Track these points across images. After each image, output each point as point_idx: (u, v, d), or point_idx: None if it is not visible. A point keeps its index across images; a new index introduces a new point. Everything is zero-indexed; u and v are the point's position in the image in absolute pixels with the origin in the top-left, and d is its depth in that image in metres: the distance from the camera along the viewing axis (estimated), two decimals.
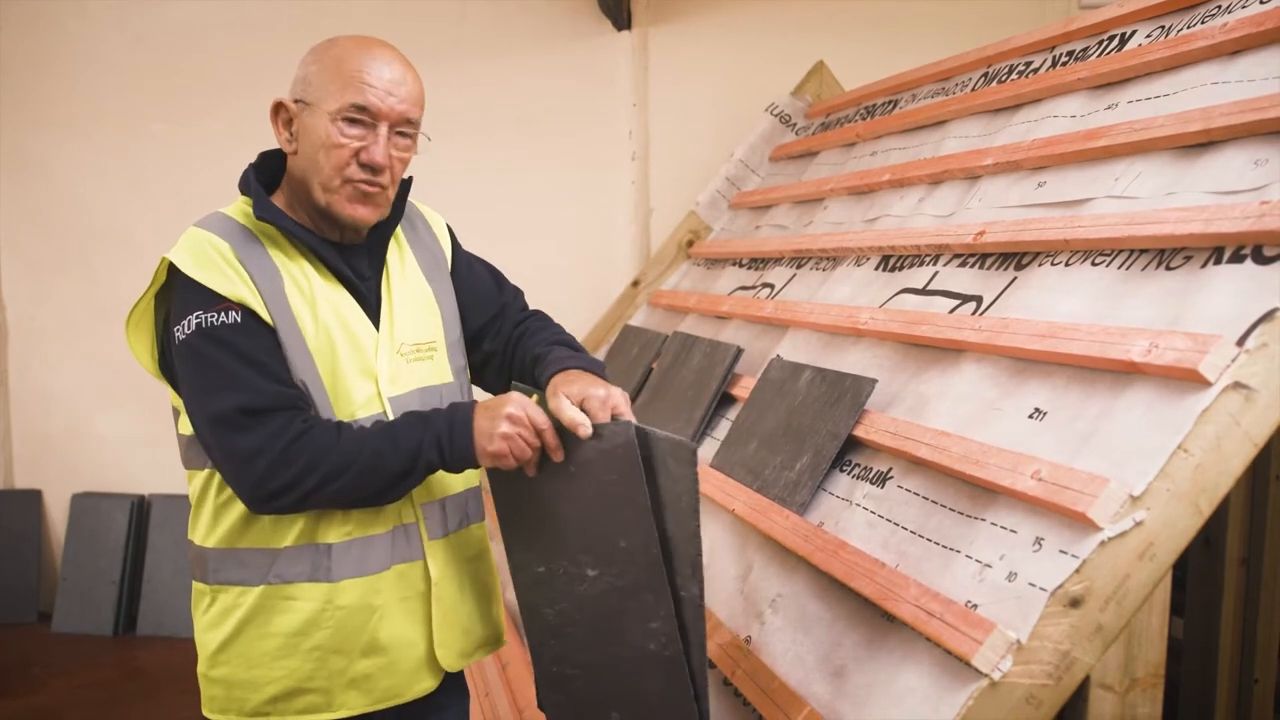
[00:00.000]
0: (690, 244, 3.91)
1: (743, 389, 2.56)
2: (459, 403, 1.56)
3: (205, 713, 1.66)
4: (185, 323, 1.49)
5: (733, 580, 2.11)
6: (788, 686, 1.73)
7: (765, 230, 3.43)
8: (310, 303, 1.56)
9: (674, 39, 4.39)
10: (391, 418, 1.58)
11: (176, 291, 1.52)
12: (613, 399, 1.51)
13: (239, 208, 1.61)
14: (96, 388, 4.45)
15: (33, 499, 4.49)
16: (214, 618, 1.62)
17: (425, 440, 1.51)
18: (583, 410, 1.49)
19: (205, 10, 4.28)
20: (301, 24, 4.21)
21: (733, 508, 2.19)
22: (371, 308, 1.63)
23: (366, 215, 1.58)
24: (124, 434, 4.37)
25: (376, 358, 1.60)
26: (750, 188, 3.87)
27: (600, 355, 3.85)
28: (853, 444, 2.02)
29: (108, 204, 4.42)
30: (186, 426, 1.57)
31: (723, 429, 2.58)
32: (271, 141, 1.62)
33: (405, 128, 1.58)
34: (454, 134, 4.35)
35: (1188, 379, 1.41)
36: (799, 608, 1.86)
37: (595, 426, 1.47)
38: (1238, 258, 1.50)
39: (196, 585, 1.66)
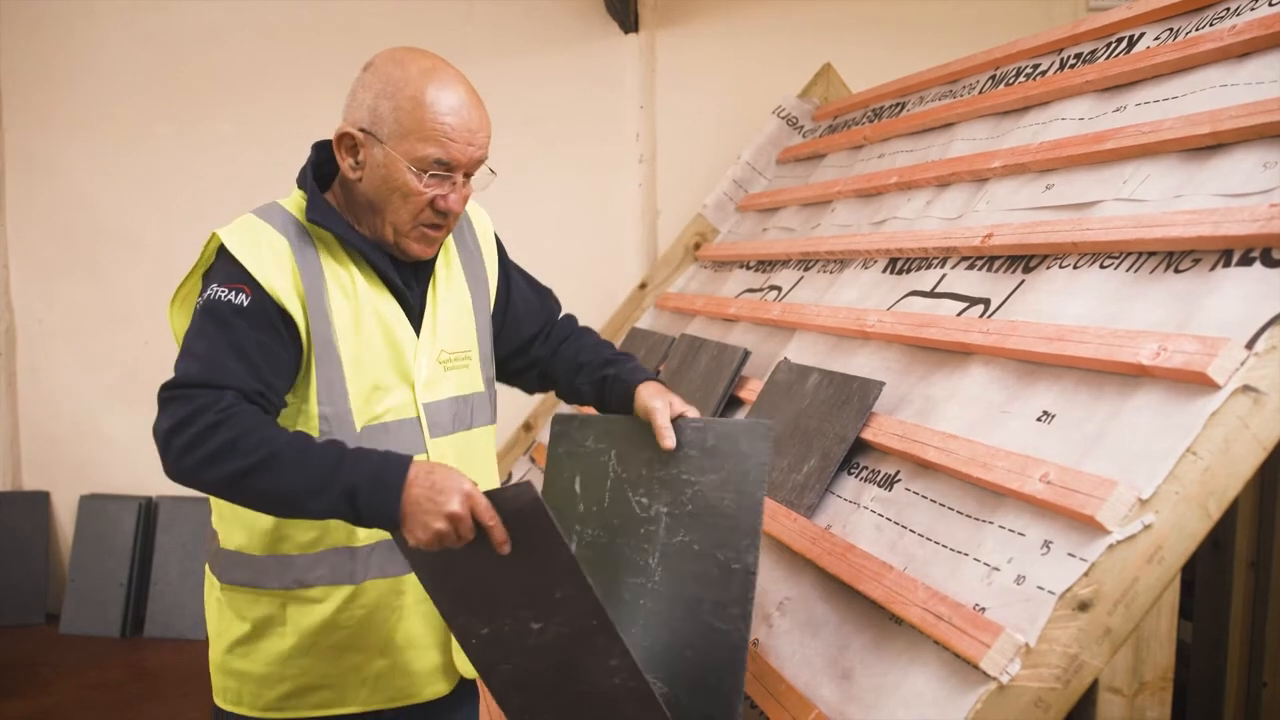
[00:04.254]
0: (697, 246, 3.91)
1: (750, 391, 2.56)
2: (391, 458, 1.40)
3: (217, 701, 1.67)
4: (205, 293, 1.51)
5: None
6: (795, 689, 1.73)
7: (772, 233, 3.43)
8: (354, 305, 1.58)
9: (681, 41, 4.39)
10: (427, 424, 1.62)
11: (214, 265, 1.55)
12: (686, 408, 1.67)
13: (295, 201, 1.63)
14: (104, 389, 4.46)
15: (41, 500, 4.51)
16: (230, 614, 1.63)
17: (336, 480, 1.37)
18: (656, 425, 1.63)
19: (213, 12, 4.29)
20: (309, 26, 4.22)
21: None
22: (415, 314, 1.65)
23: (432, 252, 1.64)
24: (132, 436, 4.36)
25: (416, 363, 1.63)
26: (757, 190, 3.87)
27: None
28: (860, 446, 2.02)
29: (115, 206, 4.43)
30: None
31: None
32: (277, 141, 1.63)
33: (478, 169, 1.61)
34: None
35: (1196, 382, 1.41)
36: (807, 610, 1.86)
37: (494, 493, 1.38)
38: (1247, 260, 1.49)
39: (211, 577, 1.67)
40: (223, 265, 1.52)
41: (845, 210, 2.98)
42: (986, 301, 2.01)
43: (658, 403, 1.65)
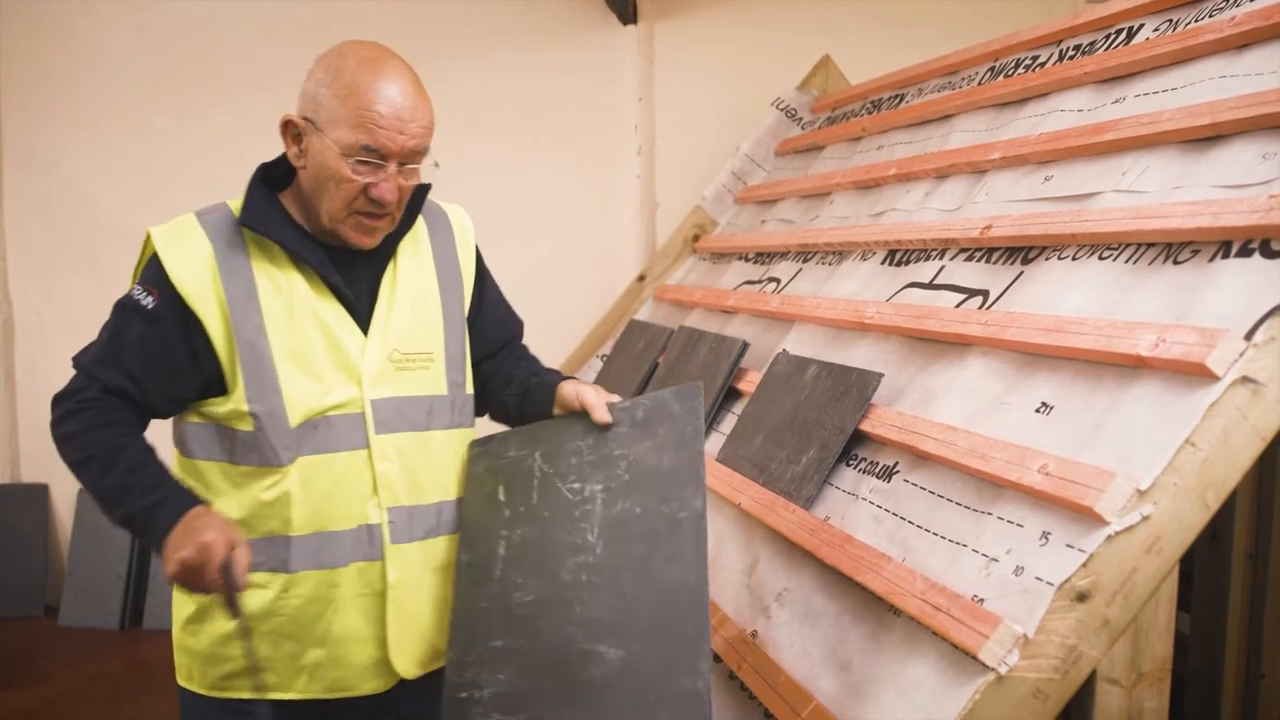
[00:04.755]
0: (696, 238, 3.91)
1: (749, 383, 2.56)
2: (177, 499, 1.49)
3: (178, 679, 1.73)
4: (129, 289, 1.60)
5: (739, 574, 2.11)
6: (794, 681, 1.73)
7: (771, 224, 3.43)
8: (288, 305, 1.59)
9: (680, 33, 4.38)
10: (373, 420, 1.63)
11: (148, 264, 1.61)
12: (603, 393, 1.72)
13: (241, 200, 1.65)
14: None
15: (40, 493, 4.50)
16: (182, 592, 1.67)
17: (125, 502, 1.50)
18: (585, 404, 1.69)
19: (212, 6, 4.28)
20: (308, 20, 4.21)
21: (739, 502, 2.19)
22: (361, 313, 1.66)
23: (372, 242, 1.64)
24: None
25: (363, 361, 1.63)
26: (756, 182, 3.87)
27: (606, 349, 3.86)
28: (859, 438, 2.02)
29: (114, 200, 4.42)
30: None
31: (729, 423, 2.58)
32: (275, 136, 1.62)
33: (414, 159, 1.60)
34: (459, 129, 4.35)
35: (1195, 373, 1.41)
36: (805, 602, 1.86)
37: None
38: (1245, 252, 1.49)
39: None
40: (151, 265, 1.60)
41: (844, 202, 2.98)
42: (985, 293, 2.01)
43: (584, 388, 1.71)
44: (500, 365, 1.89)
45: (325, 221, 1.61)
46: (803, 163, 3.62)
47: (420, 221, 1.77)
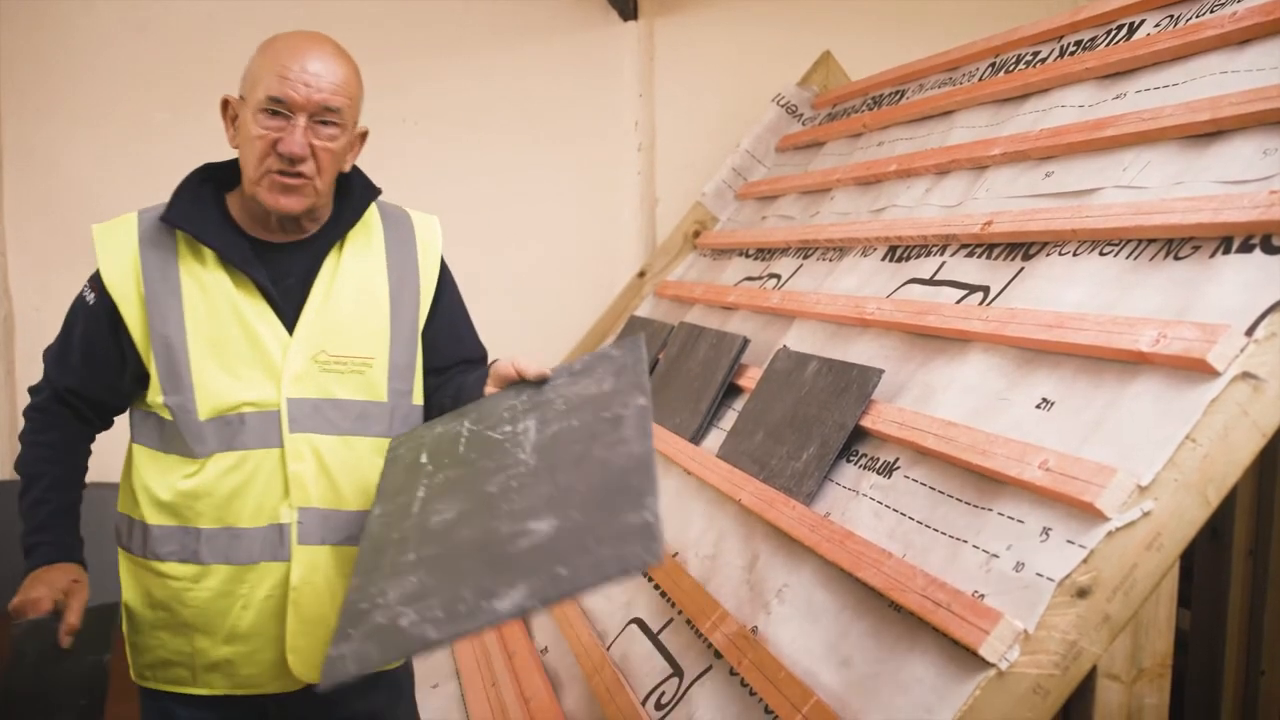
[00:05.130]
0: (696, 234, 3.91)
1: (749, 379, 2.56)
2: (49, 547, 1.66)
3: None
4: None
5: (739, 570, 2.11)
6: (794, 676, 1.73)
7: (771, 221, 3.42)
8: (211, 302, 1.60)
9: (680, 29, 4.37)
10: (287, 419, 1.62)
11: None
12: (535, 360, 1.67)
13: None
14: None
15: None
16: (121, 572, 1.76)
17: (25, 525, 1.67)
18: (519, 369, 1.65)
19: (212, 6, 4.27)
20: (308, 16, 4.18)
21: (739, 498, 2.19)
22: (288, 311, 1.64)
23: (290, 205, 1.60)
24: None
25: (285, 359, 1.62)
26: (756, 178, 3.87)
27: (606, 345, 3.85)
28: (859, 434, 2.02)
29: (113, 196, 4.41)
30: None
31: (729, 419, 2.58)
32: None
33: (327, 116, 1.58)
34: (458, 125, 4.35)
35: (1196, 369, 1.41)
36: (806, 598, 1.86)
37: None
38: (1246, 247, 1.49)
39: None
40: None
41: (844, 198, 2.98)
42: (986, 289, 2.01)
43: (517, 355, 1.67)
44: (451, 378, 1.81)
45: (248, 188, 1.60)
46: (803, 159, 3.61)
47: (377, 223, 1.74)
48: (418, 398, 1.75)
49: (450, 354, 1.82)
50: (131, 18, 4.34)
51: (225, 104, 1.66)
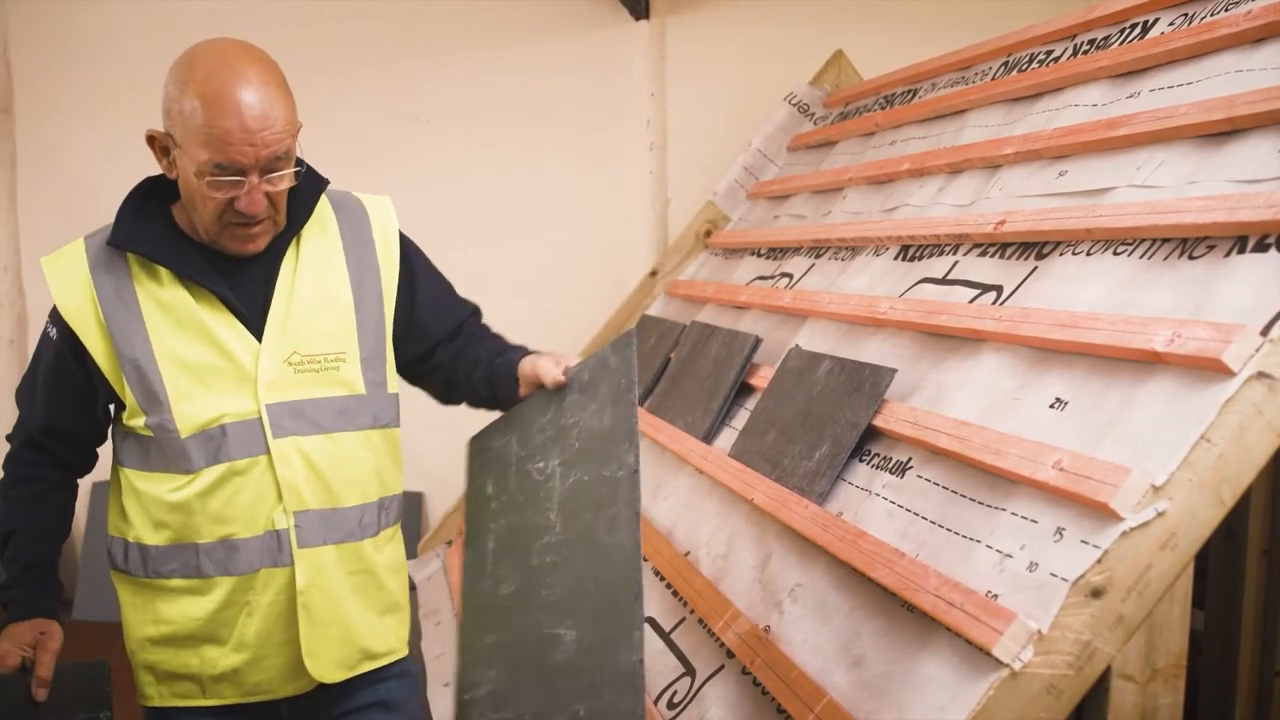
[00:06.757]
0: (708, 234, 3.91)
1: (761, 379, 2.56)
2: (21, 602, 1.66)
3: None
4: None
5: (751, 570, 2.12)
6: (807, 676, 1.73)
7: (783, 220, 3.42)
8: (176, 320, 1.59)
9: (692, 28, 4.38)
10: (269, 425, 1.61)
11: None
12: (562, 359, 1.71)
13: None
14: None
15: None
16: (120, 594, 1.76)
17: (7, 579, 1.66)
18: (539, 375, 1.69)
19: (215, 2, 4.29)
20: (314, 12, 4.21)
21: (751, 497, 2.19)
22: (254, 319, 1.63)
23: (257, 247, 1.61)
24: None
25: (257, 367, 1.61)
26: (768, 177, 3.86)
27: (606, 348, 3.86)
28: (872, 434, 2.02)
29: (123, 193, 4.43)
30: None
31: (741, 418, 2.58)
32: None
33: (277, 165, 1.53)
34: (470, 123, 4.36)
35: (1211, 369, 1.40)
36: (818, 597, 1.86)
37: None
38: (1262, 247, 1.49)
39: None
40: None
41: (857, 197, 2.97)
42: (999, 288, 2.01)
43: (539, 361, 1.70)
44: (461, 350, 1.83)
45: (204, 234, 1.59)
46: (815, 158, 3.61)
47: (331, 216, 1.72)
48: (392, 386, 1.76)
49: (440, 329, 1.83)
50: (140, 13, 4.36)
51: (152, 139, 1.58)
